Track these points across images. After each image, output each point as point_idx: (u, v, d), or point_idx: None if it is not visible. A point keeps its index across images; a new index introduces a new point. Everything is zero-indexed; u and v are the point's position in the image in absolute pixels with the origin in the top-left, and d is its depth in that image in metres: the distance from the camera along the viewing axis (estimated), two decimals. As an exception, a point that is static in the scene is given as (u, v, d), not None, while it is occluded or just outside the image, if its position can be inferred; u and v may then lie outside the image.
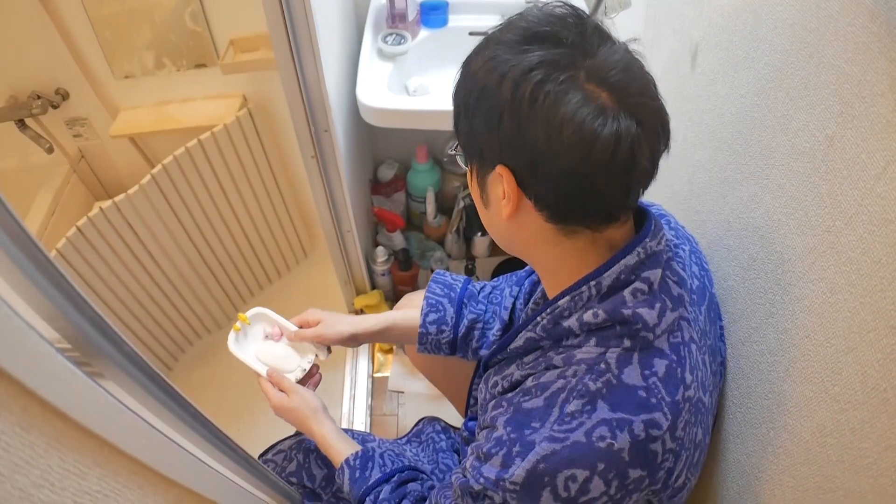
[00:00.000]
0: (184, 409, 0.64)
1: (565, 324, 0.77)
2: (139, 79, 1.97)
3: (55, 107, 2.00)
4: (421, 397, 1.93)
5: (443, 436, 1.36)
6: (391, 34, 1.60)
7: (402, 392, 1.97)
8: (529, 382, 0.78)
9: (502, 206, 0.74)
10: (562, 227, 0.73)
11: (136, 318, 1.87)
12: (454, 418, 1.45)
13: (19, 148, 2.06)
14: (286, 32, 1.16)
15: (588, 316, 0.74)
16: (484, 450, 0.77)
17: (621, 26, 1.44)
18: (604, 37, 0.71)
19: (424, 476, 1.09)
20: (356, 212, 1.70)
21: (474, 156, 0.77)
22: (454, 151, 0.84)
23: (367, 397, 1.95)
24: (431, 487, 1.04)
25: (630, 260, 0.73)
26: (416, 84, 1.65)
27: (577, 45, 0.68)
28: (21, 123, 1.97)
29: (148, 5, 1.80)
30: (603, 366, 0.72)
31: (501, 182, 0.72)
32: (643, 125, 0.67)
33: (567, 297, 0.76)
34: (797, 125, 0.77)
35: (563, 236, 0.74)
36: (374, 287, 2.10)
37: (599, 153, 0.65)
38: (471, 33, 1.65)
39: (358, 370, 2.02)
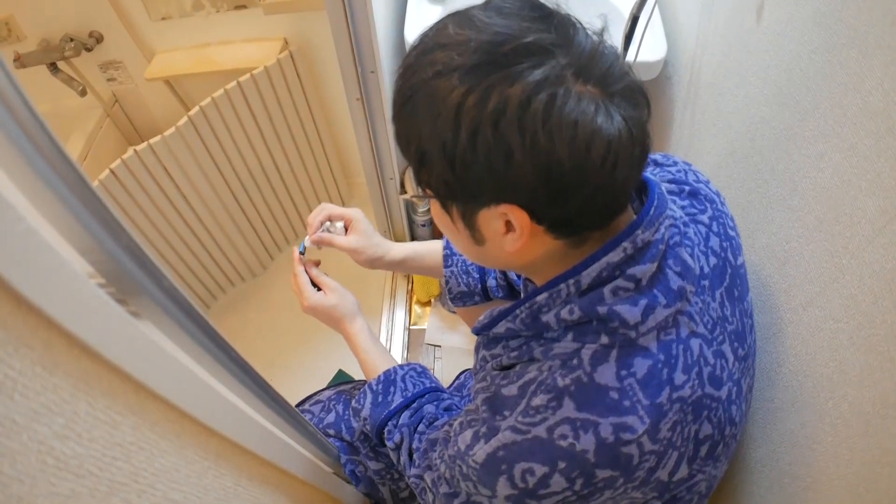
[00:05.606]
0: (226, 353, 0.62)
1: (543, 319, 0.73)
2: (176, 21, 1.94)
3: (89, 50, 1.99)
4: (458, 352, 1.92)
5: (486, 388, 1.34)
6: (442, -25, 1.55)
7: (439, 346, 1.95)
8: (514, 371, 0.77)
9: (507, 242, 0.68)
10: (574, 239, 0.69)
11: (169, 264, 1.88)
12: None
13: (52, 92, 2.06)
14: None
15: (564, 312, 0.71)
16: (467, 419, 0.80)
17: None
18: (570, 23, 0.63)
19: (445, 395, 1.08)
20: (399, 158, 1.68)
21: (459, 199, 0.67)
22: (416, 198, 0.77)
23: (404, 350, 1.95)
24: (448, 409, 1.04)
25: (614, 257, 0.68)
26: (463, 29, 1.60)
27: (557, 44, 0.60)
28: (53, 67, 1.96)
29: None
30: (575, 361, 0.69)
31: (503, 218, 0.65)
32: (626, 110, 0.62)
33: (545, 294, 0.72)
34: (871, 84, 0.72)
35: (573, 248, 0.70)
36: (413, 238, 2.07)
37: (595, 155, 0.60)
38: None
39: (395, 322, 2.01)
